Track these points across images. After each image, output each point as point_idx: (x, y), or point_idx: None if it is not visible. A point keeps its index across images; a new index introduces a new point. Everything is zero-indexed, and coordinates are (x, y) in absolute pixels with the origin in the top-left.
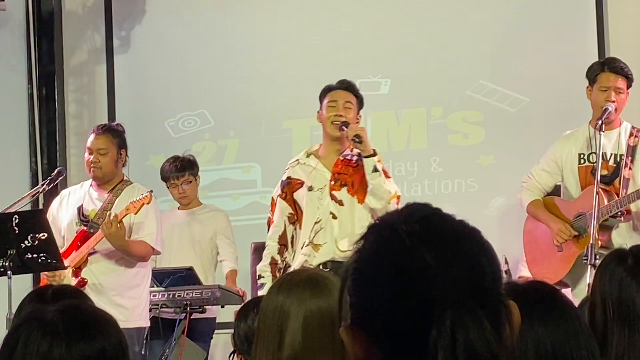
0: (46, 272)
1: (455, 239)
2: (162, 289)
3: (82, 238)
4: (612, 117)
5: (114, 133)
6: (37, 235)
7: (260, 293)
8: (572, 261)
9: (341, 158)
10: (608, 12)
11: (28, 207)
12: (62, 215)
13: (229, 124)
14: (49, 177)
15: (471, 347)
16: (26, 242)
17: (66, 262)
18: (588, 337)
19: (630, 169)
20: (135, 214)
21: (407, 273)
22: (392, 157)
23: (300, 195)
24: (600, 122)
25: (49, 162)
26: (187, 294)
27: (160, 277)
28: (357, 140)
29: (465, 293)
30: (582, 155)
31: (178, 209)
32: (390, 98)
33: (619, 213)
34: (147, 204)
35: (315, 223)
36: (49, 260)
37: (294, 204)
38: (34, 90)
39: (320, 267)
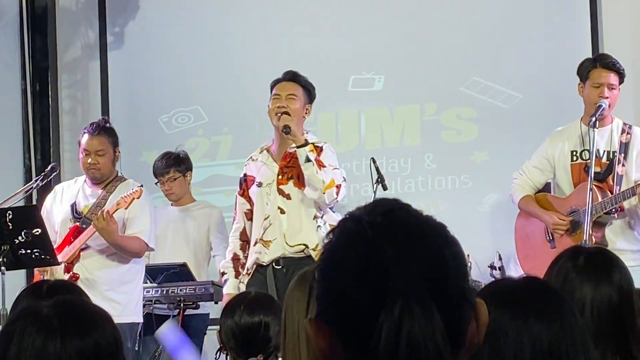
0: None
1: (418, 233)
2: (156, 285)
3: (74, 233)
4: (606, 113)
5: (108, 132)
6: (30, 231)
7: (224, 290)
8: None
9: (290, 151)
10: (602, 8)
11: (22, 203)
12: (56, 211)
13: (222, 120)
14: (43, 173)
15: (414, 338)
16: (20, 237)
17: (59, 258)
18: (583, 332)
19: (623, 165)
20: (126, 208)
21: (367, 264)
22: (385, 154)
23: (252, 192)
24: (593, 118)
25: (42, 158)
26: (180, 290)
27: (154, 273)
28: (285, 131)
29: (420, 285)
30: (574, 153)
31: (171, 205)
32: (384, 94)
33: (613, 210)
34: (137, 198)
35: (264, 219)
36: (42, 256)
37: (250, 201)
38: (28, 86)
39: (273, 264)
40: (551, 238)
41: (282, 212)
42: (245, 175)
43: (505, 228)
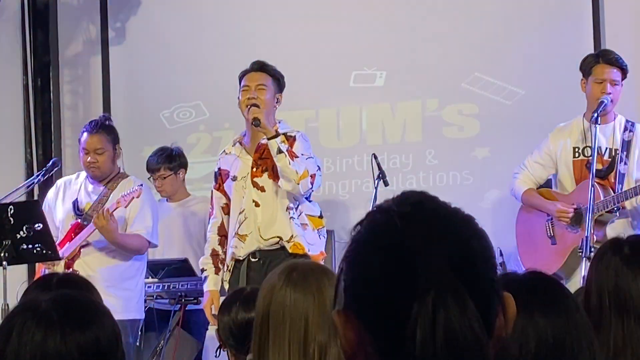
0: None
1: (447, 222)
2: (157, 280)
3: (75, 230)
4: (608, 109)
5: (107, 130)
6: (32, 226)
7: (205, 287)
8: (566, 254)
9: (263, 142)
10: (604, 3)
11: (23, 198)
12: (57, 207)
13: (224, 116)
14: (44, 168)
15: (451, 328)
16: (21, 232)
17: (60, 253)
18: (587, 328)
19: (625, 164)
20: (126, 207)
21: (396, 253)
22: (387, 150)
23: (227, 186)
24: (596, 114)
25: (43, 153)
26: (181, 286)
27: (155, 268)
28: (255, 123)
29: (451, 275)
30: (576, 149)
31: (167, 201)
32: (386, 90)
33: (615, 209)
34: (137, 197)
35: (240, 213)
36: (44, 251)
37: (226, 195)
38: (29, 82)
39: (249, 257)
40: (552, 234)
41: (257, 205)
42: (219, 169)
43: (506, 224)
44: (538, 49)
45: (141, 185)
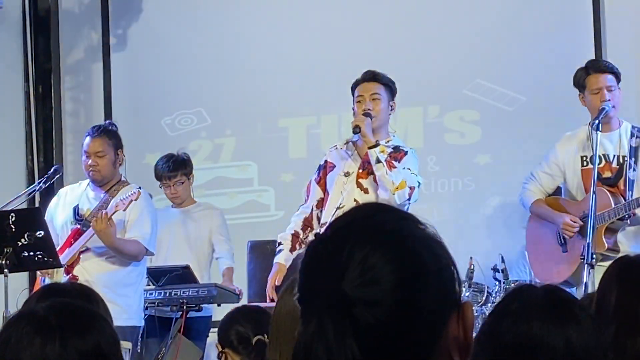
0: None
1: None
2: (159, 287)
3: (75, 236)
4: (612, 114)
5: (109, 134)
6: (33, 233)
7: (276, 259)
8: (577, 262)
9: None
10: (605, 10)
11: (24, 206)
12: (58, 214)
13: (225, 123)
14: (46, 176)
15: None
16: (23, 240)
17: (60, 260)
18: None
19: (634, 170)
20: (124, 210)
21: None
22: None
23: (330, 177)
24: (597, 121)
25: (45, 160)
26: (183, 292)
27: (157, 275)
28: (356, 131)
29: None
30: (584, 158)
31: (172, 207)
32: None
33: (626, 216)
34: (135, 200)
35: (338, 208)
36: (45, 258)
37: (325, 189)
38: (31, 88)
39: None
40: (563, 242)
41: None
42: (326, 161)
43: (507, 230)
44: (539, 56)
45: (139, 188)
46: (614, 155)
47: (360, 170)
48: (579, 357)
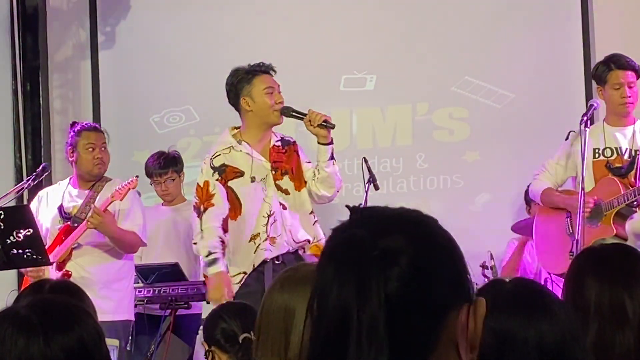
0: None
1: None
2: (147, 284)
3: (65, 232)
4: (630, 109)
5: (101, 131)
6: (22, 231)
7: (215, 268)
8: None
9: (277, 145)
10: (593, 7)
11: (13, 203)
12: (42, 216)
13: (214, 120)
14: (34, 173)
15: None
16: (11, 237)
17: (50, 258)
18: (577, 328)
19: None
20: (121, 200)
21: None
22: (377, 153)
23: (236, 184)
24: (585, 117)
25: (33, 158)
26: (172, 290)
27: (146, 273)
28: (329, 126)
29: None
30: (597, 150)
31: (162, 205)
32: (376, 94)
33: (635, 203)
34: (133, 188)
35: (269, 216)
36: (34, 256)
37: (228, 193)
38: (19, 86)
39: (280, 258)
40: (572, 231)
41: (284, 207)
42: (224, 164)
43: (496, 227)
44: (528, 53)
45: (137, 176)
46: (627, 149)
47: (274, 172)
48: (554, 351)
